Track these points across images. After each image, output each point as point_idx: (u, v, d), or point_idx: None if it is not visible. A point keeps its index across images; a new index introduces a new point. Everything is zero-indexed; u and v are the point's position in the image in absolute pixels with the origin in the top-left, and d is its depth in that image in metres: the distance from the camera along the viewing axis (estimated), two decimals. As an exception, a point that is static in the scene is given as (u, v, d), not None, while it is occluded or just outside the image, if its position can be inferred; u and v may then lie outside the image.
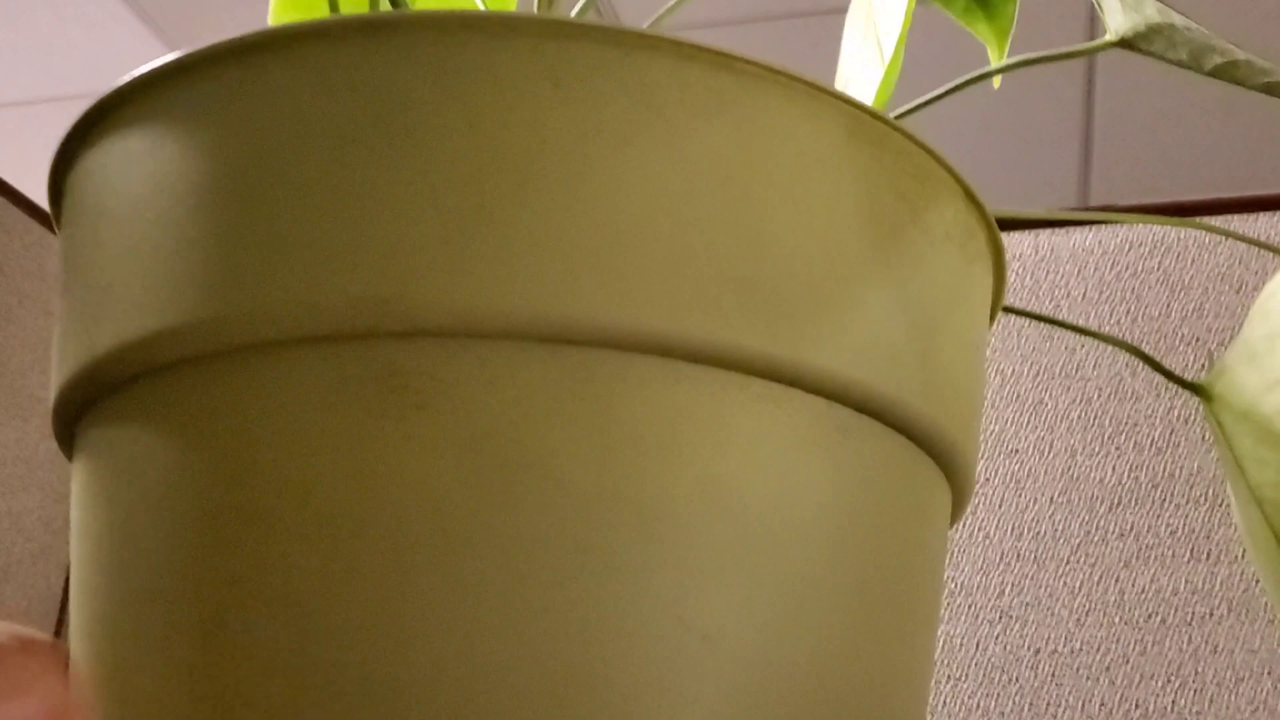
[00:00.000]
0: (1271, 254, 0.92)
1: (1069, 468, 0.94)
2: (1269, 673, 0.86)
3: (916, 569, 0.36)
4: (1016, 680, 0.91)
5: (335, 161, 0.32)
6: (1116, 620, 0.90)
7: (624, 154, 0.32)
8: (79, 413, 0.36)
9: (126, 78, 0.35)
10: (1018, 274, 0.99)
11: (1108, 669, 0.89)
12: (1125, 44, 0.45)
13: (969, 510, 0.98)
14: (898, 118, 0.48)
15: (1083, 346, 0.96)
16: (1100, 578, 0.91)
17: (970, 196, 0.38)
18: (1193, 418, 0.93)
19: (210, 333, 0.32)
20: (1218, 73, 0.43)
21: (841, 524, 0.33)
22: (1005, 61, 0.54)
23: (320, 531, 0.31)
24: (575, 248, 0.31)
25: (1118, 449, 0.93)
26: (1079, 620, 0.91)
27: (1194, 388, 0.46)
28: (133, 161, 0.34)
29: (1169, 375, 0.47)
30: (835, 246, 0.34)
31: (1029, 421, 0.96)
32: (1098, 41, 0.47)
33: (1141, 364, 0.94)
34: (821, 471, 0.33)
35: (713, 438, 0.32)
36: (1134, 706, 0.88)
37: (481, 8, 0.46)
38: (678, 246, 0.32)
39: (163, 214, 0.33)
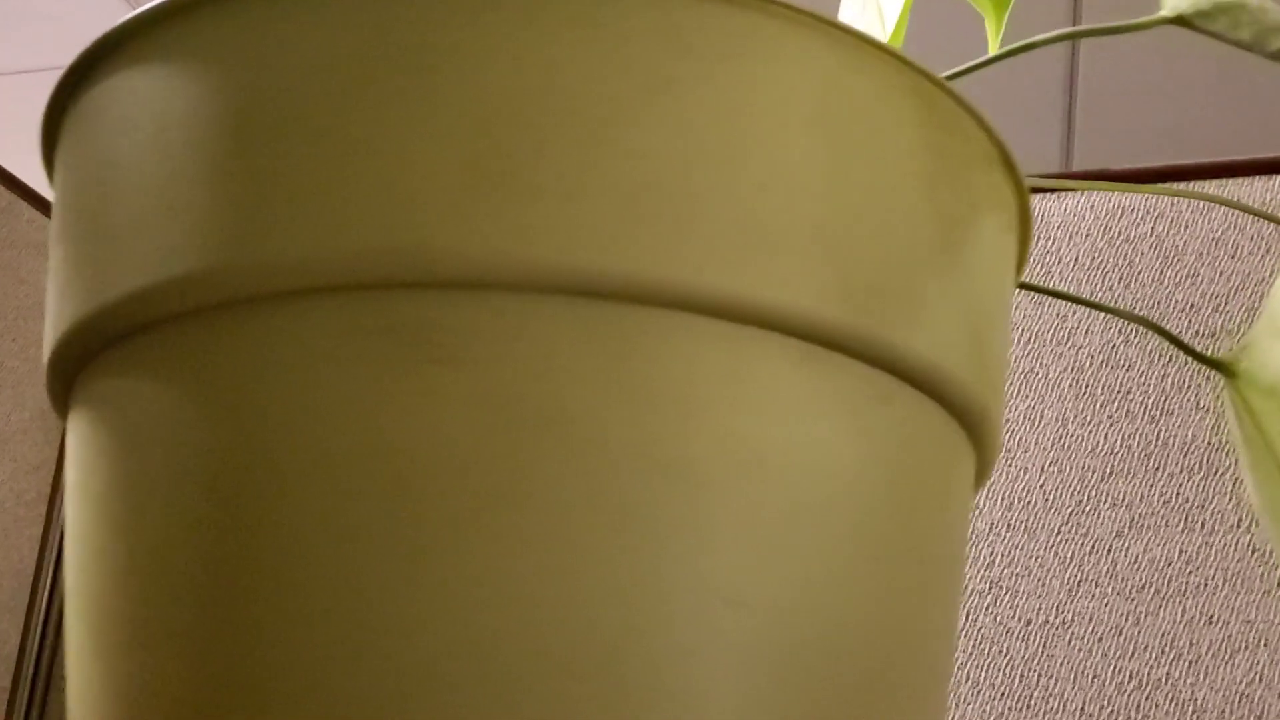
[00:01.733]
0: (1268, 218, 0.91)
1: (1060, 437, 0.94)
2: (1265, 643, 0.85)
3: (944, 537, 0.35)
4: (1007, 652, 0.91)
5: (348, 103, 0.30)
6: (1109, 591, 0.90)
7: (652, 97, 0.31)
8: (78, 365, 0.35)
9: (130, 14, 0.33)
10: (1009, 241, 0.99)
11: (1100, 640, 0.89)
12: (1182, 21, 0.44)
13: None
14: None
15: (1074, 314, 0.95)
16: (1092, 548, 0.91)
17: (1008, 163, 0.36)
18: (1186, 385, 0.92)
19: (218, 283, 0.31)
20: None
21: (873, 491, 0.32)
22: (1000, 44, 0.53)
23: (333, 491, 0.29)
24: (599, 195, 0.30)
25: (1110, 417, 0.93)
26: (1070, 591, 0.91)
27: (1217, 364, 0.46)
28: (139, 103, 0.33)
29: (1190, 351, 0.46)
30: (878, 202, 0.32)
31: (1019, 390, 0.95)
32: (1149, 18, 0.45)
33: (1135, 331, 0.93)
34: (854, 438, 0.32)
35: (741, 398, 0.31)
36: (1128, 678, 0.87)
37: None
38: (708, 195, 0.31)
39: (169, 158, 0.32)
